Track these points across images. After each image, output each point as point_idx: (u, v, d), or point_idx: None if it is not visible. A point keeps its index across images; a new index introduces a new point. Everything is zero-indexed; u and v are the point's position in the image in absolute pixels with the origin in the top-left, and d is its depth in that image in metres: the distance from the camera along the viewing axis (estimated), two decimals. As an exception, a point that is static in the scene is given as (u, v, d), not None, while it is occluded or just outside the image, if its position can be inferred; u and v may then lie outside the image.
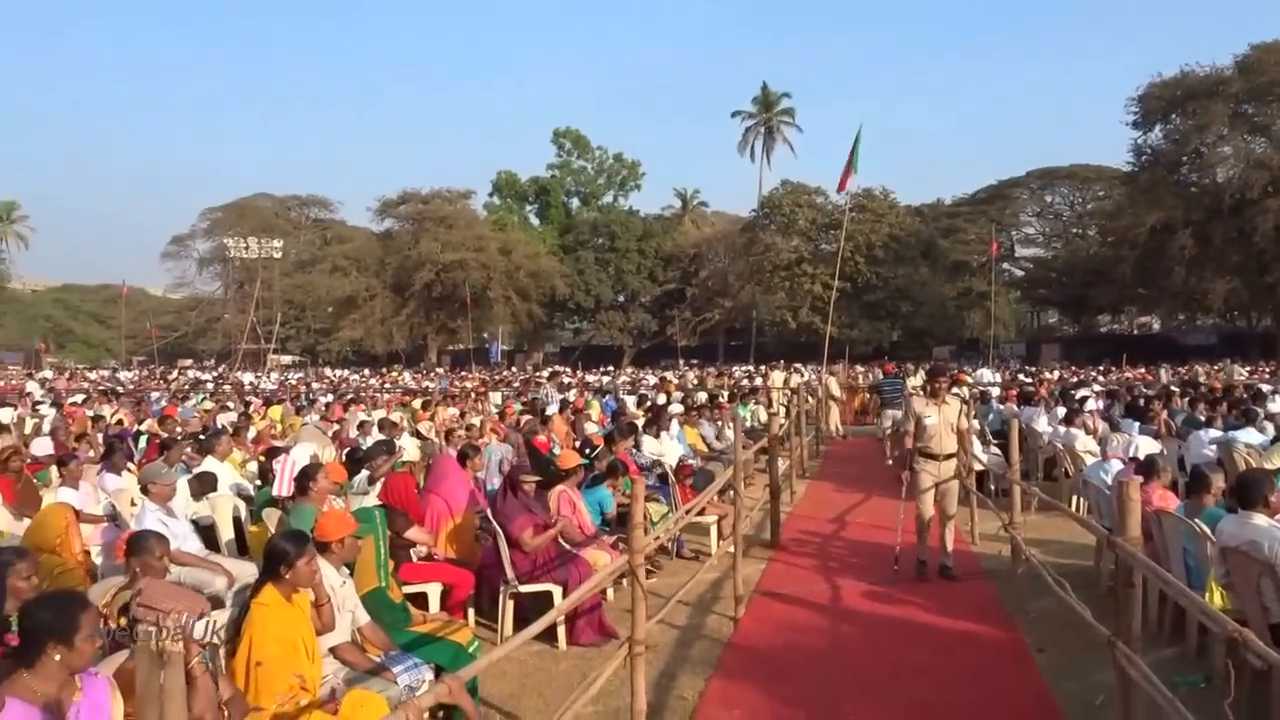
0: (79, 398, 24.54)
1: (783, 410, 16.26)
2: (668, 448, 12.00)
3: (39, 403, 22.63)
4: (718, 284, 70.54)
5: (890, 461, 15.66)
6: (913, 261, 61.99)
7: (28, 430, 15.53)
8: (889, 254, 60.78)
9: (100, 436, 12.93)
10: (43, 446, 11.63)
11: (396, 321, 70.43)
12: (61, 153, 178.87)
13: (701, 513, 8.65)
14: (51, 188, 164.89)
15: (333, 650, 4.66)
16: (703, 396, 20.64)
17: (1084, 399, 16.12)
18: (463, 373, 49.28)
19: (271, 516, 7.34)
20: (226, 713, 3.62)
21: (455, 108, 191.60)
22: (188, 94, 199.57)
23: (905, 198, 67.92)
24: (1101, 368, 39.02)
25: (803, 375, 33.55)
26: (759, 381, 30.61)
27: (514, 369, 57.93)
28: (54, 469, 9.87)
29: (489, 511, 7.37)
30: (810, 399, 20.62)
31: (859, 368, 39.56)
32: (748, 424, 15.49)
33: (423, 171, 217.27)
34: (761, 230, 65.31)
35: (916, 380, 24.57)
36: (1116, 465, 8.80)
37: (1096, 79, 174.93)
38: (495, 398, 24.31)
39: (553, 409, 16.14)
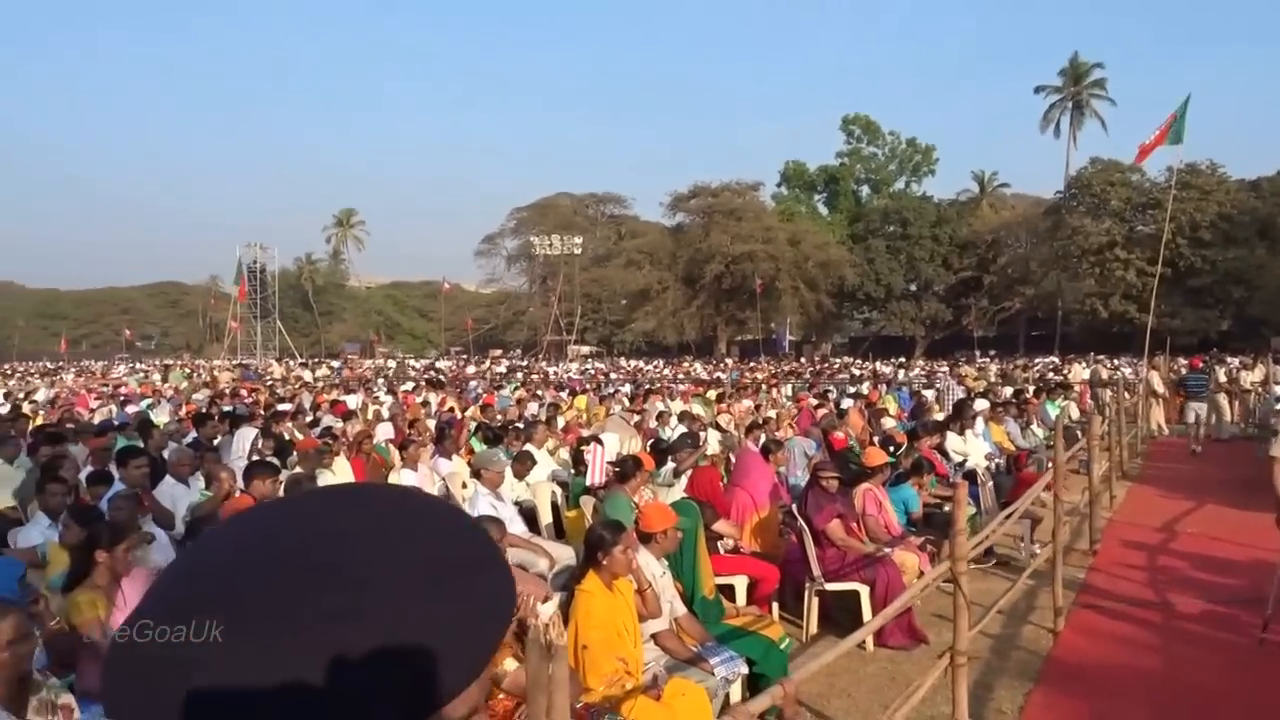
0: (409, 385, 26.99)
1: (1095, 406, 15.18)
2: (973, 446, 11.50)
3: (374, 391, 25.09)
4: (1018, 271, 66.64)
5: (1197, 449, 16.59)
6: (1246, 242, 55.55)
7: (369, 416, 17.22)
8: (1218, 234, 54.88)
9: (432, 423, 14.12)
10: (385, 431, 12.87)
11: (687, 313, 71.99)
12: (391, 162, 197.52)
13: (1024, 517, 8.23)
14: (383, 194, 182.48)
15: (654, 637, 4.85)
16: (1007, 391, 19.59)
17: None
18: (752, 363, 49.63)
19: (587, 503, 7.73)
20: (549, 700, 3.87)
21: (742, 99, 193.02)
22: (494, 100, 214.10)
23: (1238, 171, 61.07)
24: None
25: (1114, 368, 31.00)
26: (1065, 375, 28.64)
27: (802, 360, 57.65)
28: (395, 451, 10.96)
29: (793, 507, 7.39)
30: (1128, 395, 19.05)
31: (1181, 360, 36.05)
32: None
33: (712, 165, 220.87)
34: (1068, 212, 60.96)
35: (1255, 376, 22.08)
36: None
37: None
38: (785, 389, 24.30)
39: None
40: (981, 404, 14.41)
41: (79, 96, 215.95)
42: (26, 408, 17.95)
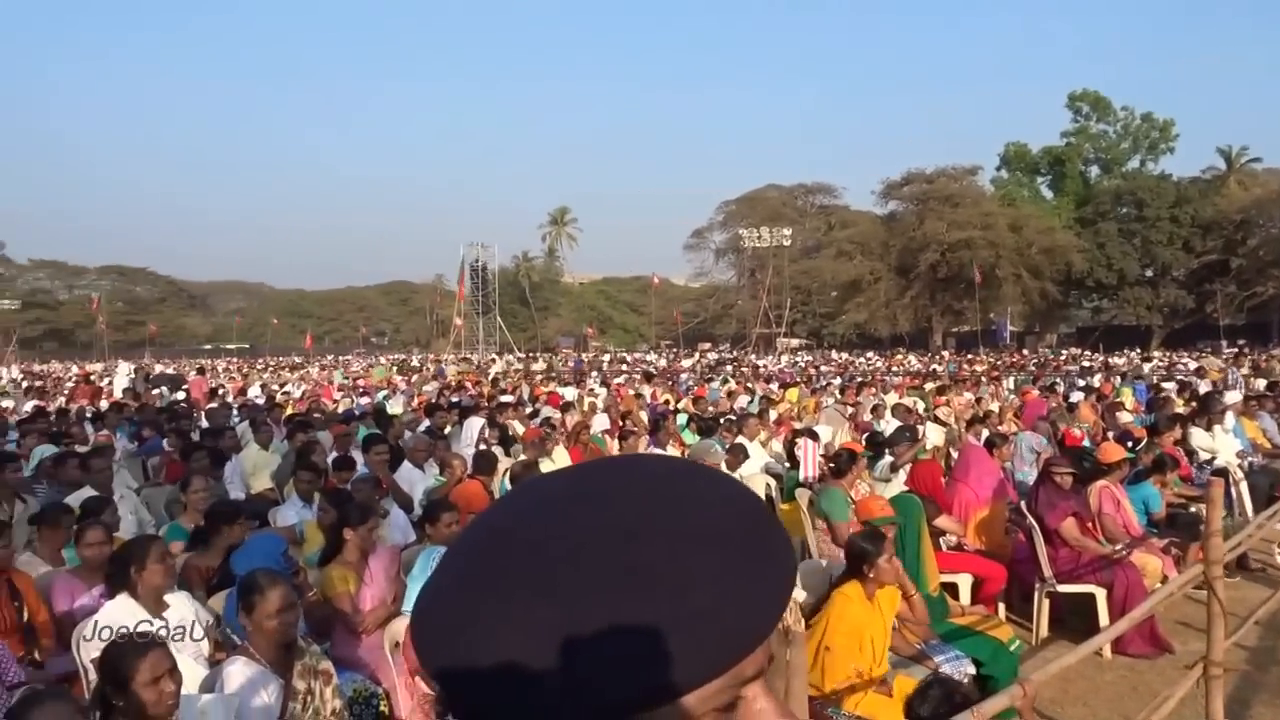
0: (621, 378, 27.62)
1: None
2: (1222, 442, 10.61)
3: (588, 383, 25.82)
4: (1272, 252, 60.73)
5: None
6: None
7: (584, 408, 17.74)
8: None
9: (645, 414, 14.40)
10: (601, 423, 13.23)
11: (900, 304, 70.09)
12: (603, 160, 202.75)
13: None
14: (595, 191, 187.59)
15: (875, 632, 4.76)
16: (1261, 384, 17.97)
17: None
18: (970, 355, 47.74)
19: (802, 496, 7.65)
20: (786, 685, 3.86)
21: (957, 81, 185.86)
22: (701, 94, 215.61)
23: None
24: None
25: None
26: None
27: (1025, 351, 54.87)
28: (611, 441, 11.25)
29: (1022, 504, 7.06)
30: None
31: None
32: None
33: (927, 151, 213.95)
34: (1333, 187, 55.20)
35: None
36: None
37: None
38: (1007, 382, 23.25)
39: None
40: (1233, 397, 13.27)
41: (326, 110, 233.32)
42: (280, 398, 19.55)
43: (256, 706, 3.39)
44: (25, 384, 27.96)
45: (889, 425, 11.71)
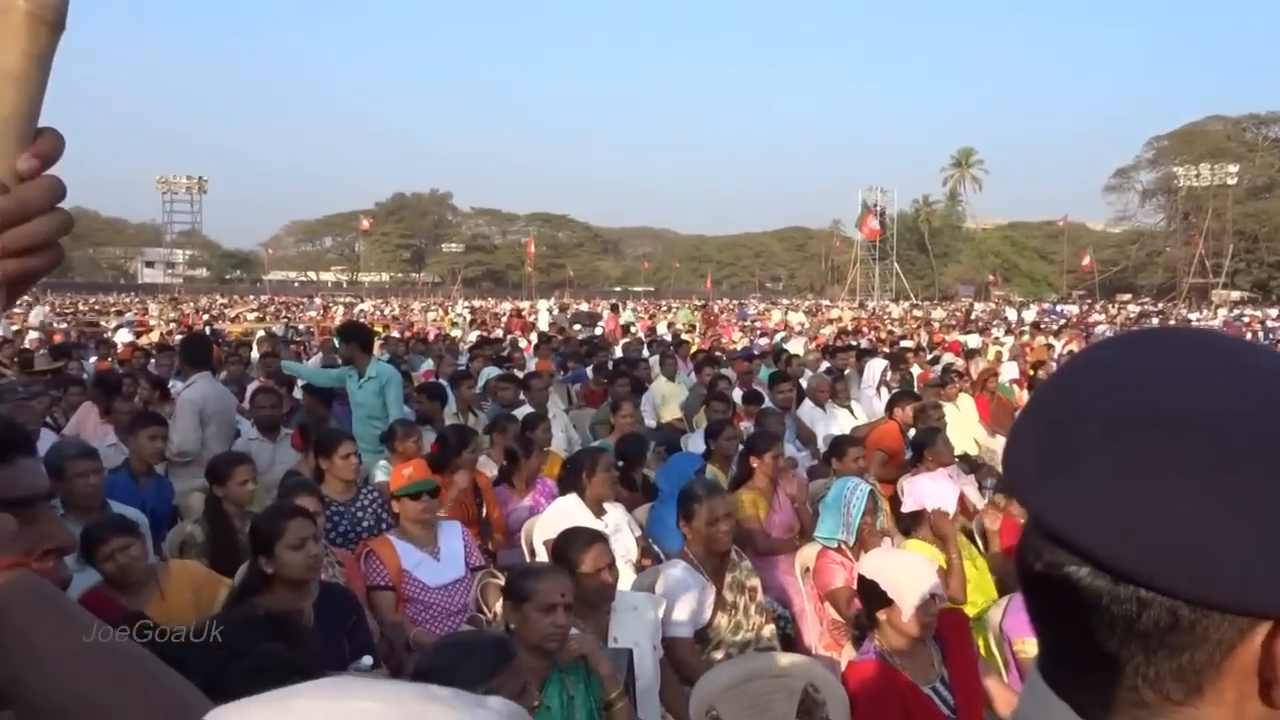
0: (1027, 328, 26.18)
1: None
2: None
3: (993, 332, 24.65)
4: None
5: None
6: None
7: (990, 356, 17.00)
8: None
9: (1052, 363, 13.54)
10: (1010, 372, 12.67)
11: (1379, 252, 59.72)
12: (1008, 97, 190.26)
13: None
14: (1004, 131, 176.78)
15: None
16: None
17: None
18: None
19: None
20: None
21: None
22: (1118, 21, 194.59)
23: None
24: None
25: None
26: None
27: None
28: (1021, 392, 10.78)
29: None
30: None
31: None
32: None
33: None
34: None
35: None
36: None
37: None
38: None
39: None
40: None
41: (724, 65, 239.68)
42: (685, 336, 20.64)
43: (689, 608, 3.66)
44: (469, 318, 31.75)
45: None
